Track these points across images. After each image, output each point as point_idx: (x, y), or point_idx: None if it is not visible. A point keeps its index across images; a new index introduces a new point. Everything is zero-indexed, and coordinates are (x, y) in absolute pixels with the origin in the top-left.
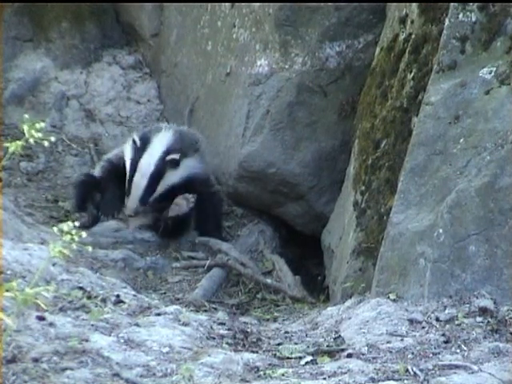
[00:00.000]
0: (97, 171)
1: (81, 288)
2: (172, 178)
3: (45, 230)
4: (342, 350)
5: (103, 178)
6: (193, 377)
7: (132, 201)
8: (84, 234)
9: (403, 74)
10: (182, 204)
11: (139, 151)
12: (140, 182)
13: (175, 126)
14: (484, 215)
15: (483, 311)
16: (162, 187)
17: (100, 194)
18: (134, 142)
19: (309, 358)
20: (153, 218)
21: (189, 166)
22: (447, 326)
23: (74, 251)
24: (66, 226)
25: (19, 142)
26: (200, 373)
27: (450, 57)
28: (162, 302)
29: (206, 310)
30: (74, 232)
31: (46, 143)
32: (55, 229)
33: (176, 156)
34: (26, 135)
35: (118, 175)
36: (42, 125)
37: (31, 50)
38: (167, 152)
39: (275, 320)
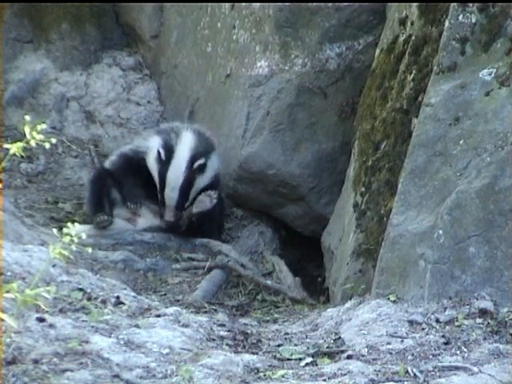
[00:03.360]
0: (109, 165)
1: (81, 289)
2: (201, 181)
3: (45, 231)
4: (342, 352)
5: (119, 171)
6: (193, 378)
7: (169, 211)
8: (84, 235)
9: (403, 76)
10: (206, 201)
11: (165, 164)
12: (172, 194)
13: (191, 125)
14: (484, 217)
15: (483, 313)
16: (193, 193)
17: (117, 188)
18: (159, 153)
19: (309, 360)
20: (164, 220)
21: (213, 166)
22: (447, 327)
23: (73, 253)
24: (70, 228)
25: (20, 144)
26: (200, 374)
27: (449, 58)
28: (161, 304)
29: (205, 312)
30: (73, 233)
31: (47, 145)
32: (55, 230)
33: (202, 161)
34: (27, 137)
35: (135, 168)
36: (43, 126)
37: (31, 51)
38: (193, 159)
39: (275, 321)
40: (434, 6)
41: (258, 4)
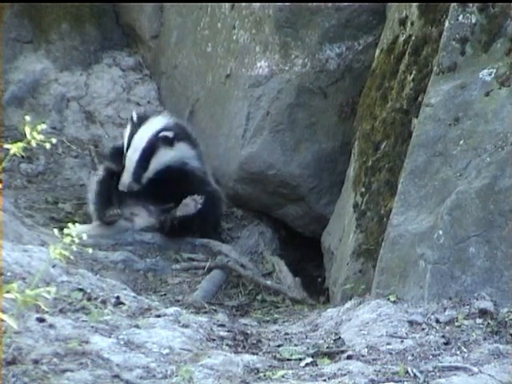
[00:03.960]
0: (108, 158)
1: (81, 290)
2: (165, 156)
3: (45, 231)
4: (342, 352)
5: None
6: (193, 378)
7: (125, 176)
8: (84, 235)
9: (403, 76)
10: (190, 204)
11: (136, 127)
12: (133, 156)
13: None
14: (484, 217)
15: (483, 313)
16: (154, 165)
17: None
18: (132, 118)
19: (309, 360)
20: (158, 220)
21: (183, 151)
22: (447, 327)
23: (74, 253)
24: (71, 228)
25: (20, 144)
26: (200, 374)
27: (449, 58)
28: (161, 304)
29: (205, 312)
30: (74, 234)
31: (47, 145)
32: (55, 230)
33: (169, 134)
34: (28, 137)
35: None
36: (44, 126)
37: (31, 51)
38: (161, 130)
39: (275, 322)
40: (433, 6)
41: (258, 4)
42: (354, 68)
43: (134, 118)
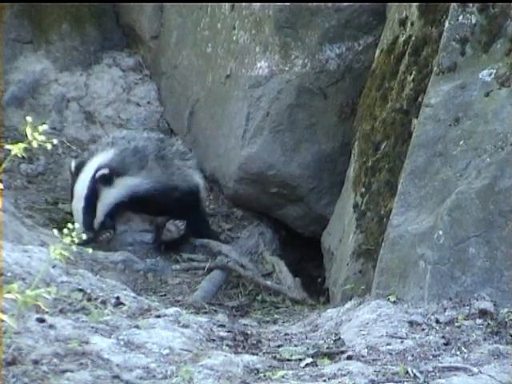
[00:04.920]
0: None
1: (81, 290)
2: (110, 195)
3: (45, 232)
4: (342, 352)
5: None
6: (193, 379)
7: (78, 228)
8: (84, 236)
9: (403, 76)
10: (173, 230)
11: (74, 176)
12: (78, 206)
13: (121, 144)
14: (484, 217)
15: (483, 313)
16: (102, 208)
17: None
18: (70, 168)
19: (309, 360)
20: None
21: (127, 182)
22: (447, 328)
23: (73, 253)
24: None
25: (22, 145)
26: (200, 375)
27: (449, 59)
28: (161, 304)
29: (205, 312)
30: (74, 234)
31: (48, 146)
32: (55, 231)
33: (105, 171)
34: (29, 138)
35: None
36: (45, 127)
37: (31, 52)
38: (97, 170)
39: (275, 322)
40: (433, 7)
41: (258, 4)
42: (353, 68)
43: (72, 168)
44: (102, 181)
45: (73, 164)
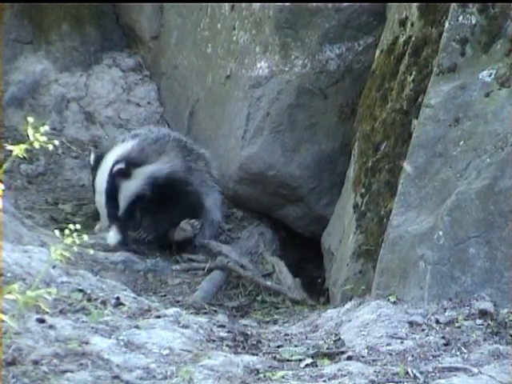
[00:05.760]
0: None
1: (81, 290)
2: (129, 187)
3: (45, 232)
4: (342, 353)
5: None
6: (193, 379)
7: (103, 220)
8: (85, 236)
9: (403, 77)
10: (187, 229)
11: (94, 171)
12: (100, 201)
13: (142, 135)
14: (484, 217)
15: (483, 314)
16: (124, 200)
17: None
18: (89, 162)
19: (309, 361)
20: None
21: (149, 173)
22: (447, 328)
23: (74, 254)
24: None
25: (23, 146)
26: (200, 375)
27: (449, 59)
28: (161, 305)
29: (205, 313)
30: (74, 234)
31: (50, 147)
32: (56, 231)
33: (122, 165)
34: (31, 139)
35: None
36: (46, 128)
37: (31, 52)
38: (114, 164)
39: (275, 322)
40: (433, 7)
41: (258, 5)
42: (353, 69)
43: (91, 162)
44: (120, 174)
45: (92, 157)
